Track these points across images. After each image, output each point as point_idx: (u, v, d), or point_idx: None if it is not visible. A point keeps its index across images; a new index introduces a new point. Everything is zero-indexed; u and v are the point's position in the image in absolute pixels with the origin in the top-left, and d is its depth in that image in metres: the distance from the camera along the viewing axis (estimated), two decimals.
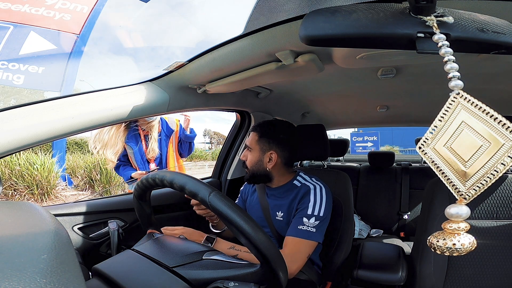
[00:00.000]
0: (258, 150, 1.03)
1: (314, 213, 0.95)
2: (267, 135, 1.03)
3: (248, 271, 0.58)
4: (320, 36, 0.36)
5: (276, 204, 1.05)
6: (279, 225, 1.03)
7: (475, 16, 0.35)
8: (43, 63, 4.62)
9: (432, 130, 0.31)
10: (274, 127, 1.06)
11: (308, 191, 1.00)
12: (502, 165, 0.26)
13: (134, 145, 1.81)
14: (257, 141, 1.03)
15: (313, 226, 0.93)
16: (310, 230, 0.92)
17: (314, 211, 0.95)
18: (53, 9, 4.74)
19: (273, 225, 1.04)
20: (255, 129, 1.07)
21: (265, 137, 1.03)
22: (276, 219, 1.04)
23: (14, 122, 0.63)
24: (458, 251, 0.29)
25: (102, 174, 5.88)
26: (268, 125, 1.07)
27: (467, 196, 0.28)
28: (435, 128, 0.31)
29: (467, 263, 0.90)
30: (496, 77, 1.03)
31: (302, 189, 1.02)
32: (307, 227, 0.92)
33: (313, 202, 0.97)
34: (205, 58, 0.81)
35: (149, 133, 1.82)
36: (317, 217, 0.94)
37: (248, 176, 1.06)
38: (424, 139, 0.32)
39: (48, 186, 4.98)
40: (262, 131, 1.05)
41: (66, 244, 0.34)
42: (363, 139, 13.59)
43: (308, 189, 1.00)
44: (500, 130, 0.26)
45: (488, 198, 0.91)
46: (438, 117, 0.31)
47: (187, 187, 0.61)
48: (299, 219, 0.95)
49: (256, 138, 1.04)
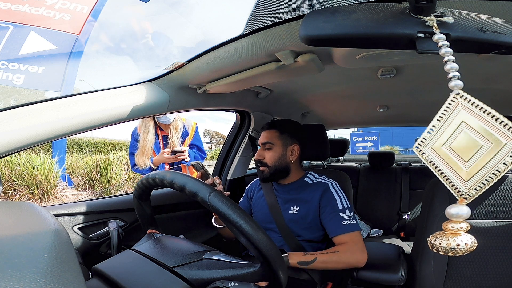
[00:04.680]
0: (281, 145, 1.09)
1: (345, 206, 1.01)
2: (288, 131, 1.10)
3: (248, 271, 0.58)
4: (320, 36, 0.36)
5: (290, 199, 1.09)
6: (291, 218, 1.06)
7: (475, 16, 0.35)
8: (43, 63, 4.62)
9: (431, 130, 0.31)
10: (290, 124, 1.15)
11: (328, 188, 1.05)
12: (504, 165, 0.26)
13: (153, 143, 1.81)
14: (279, 137, 1.09)
15: (351, 218, 1.00)
16: (352, 222, 0.99)
17: (344, 205, 1.01)
18: (53, 9, 4.74)
19: (283, 219, 1.07)
20: (272, 127, 1.12)
21: (287, 132, 1.10)
22: (289, 213, 1.07)
23: (14, 122, 0.63)
24: (458, 251, 0.29)
25: (102, 174, 5.88)
26: (284, 122, 1.16)
27: (468, 196, 0.28)
28: (433, 128, 0.31)
29: (467, 263, 0.90)
30: (496, 77, 1.03)
31: (318, 186, 1.07)
32: (349, 220, 0.98)
33: (338, 197, 1.03)
34: (205, 58, 0.81)
35: (169, 136, 1.82)
36: (350, 209, 1.01)
37: (267, 174, 1.09)
38: (422, 139, 0.32)
39: (48, 186, 4.98)
40: (282, 127, 1.11)
41: (66, 244, 0.34)
42: (363, 139, 13.60)
43: (327, 186, 1.06)
44: (502, 130, 0.26)
45: (488, 198, 0.91)
46: (436, 117, 0.31)
47: (187, 187, 0.61)
48: (337, 216, 0.99)
49: (277, 134, 1.10)
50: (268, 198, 1.12)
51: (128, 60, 28.37)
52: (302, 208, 1.05)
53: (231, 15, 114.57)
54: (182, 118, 1.89)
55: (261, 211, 1.13)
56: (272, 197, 1.12)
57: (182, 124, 1.85)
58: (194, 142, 1.93)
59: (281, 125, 1.12)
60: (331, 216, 1.00)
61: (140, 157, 1.76)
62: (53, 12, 4.74)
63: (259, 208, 1.15)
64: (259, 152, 1.11)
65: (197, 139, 1.95)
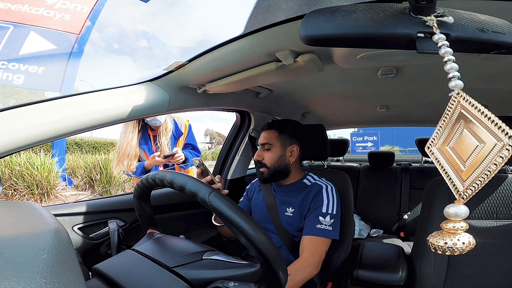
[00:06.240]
0: (280, 145, 1.08)
1: (328, 212, 1.00)
2: (287, 131, 1.09)
3: (248, 271, 0.58)
4: (320, 36, 0.36)
5: (286, 201, 1.09)
6: (286, 220, 1.06)
7: (475, 16, 0.35)
8: (43, 63, 4.62)
9: (438, 130, 0.32)
10: (290, 124, 1.13)
11: (320, 190, 1.04)
12: (494, 165, 0.26)
13: (144, 145, 1.78)
14: (278, 137, 1.08)
15: (329, 224, 0.98)
16: (327, 228, 0.97)
17: (328, 210, 1.00)
18: (53, 9, 4.74)
19: (280, 221, 1.07)
20: (271, 127, 1.11)
21: (286, 133, 1.09)
22: (285, 214, 1.07)
23: (14, 122, 0.63)
24: (456, 250, 0.29)
25: (102, 174, 5.87)
26: (284, 122, 1.14)
27: (465, 195, 0.28)
28: (440, 128, 0.32)
29: (467, 263, 0.90)
30: (496, 77, 1.03)
31: (313, 188, 1.06)
32: (324, 225, 0.97)
33: (326, 201, 1.02)
34: (205, 58, 0.81)
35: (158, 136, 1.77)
36: (332, 215, 0.99)
37: (267, 175, 1.09)
38: (432, 139, 0.33)
39: (48, 186, 4.98)
40: (281, 128, 1.10)
41: (66, 244, 0.34)
42: (363, 139, 13.60)
43: (320, 188, 1.05)
44: (494, 131, 0.26)
45: (488, 198, 0.91)
46: (442, 117, 0.31)
47: (187, 187, 0.61)
48: (315, 218, 0.99)
49: (276, 134, 1.09)
50: (267, 198, 1.12)
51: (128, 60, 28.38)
52: (297, 210, 1.05)
53: (231, 15, 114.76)
54: (174, 116, 1.82)
55: (260, 211, 1.14)
56: (270, 198, 1.12)
57: (172, 125, 1.79)
58: (188, 141, 1.89)
59: (280, 125, 1.12)
60: (311, 217, 1.00)
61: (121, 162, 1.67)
62: (53, 12, 4.74)
63: (258, 208, 1.15)
64: (259, 153, 1.11)
65: (191, 138, 1.90)
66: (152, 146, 1.78)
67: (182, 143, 1.87)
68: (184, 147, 1.88)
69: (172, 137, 1.81)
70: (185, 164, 1.77)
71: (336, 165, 2.44)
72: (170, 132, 1.78)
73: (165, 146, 1.73)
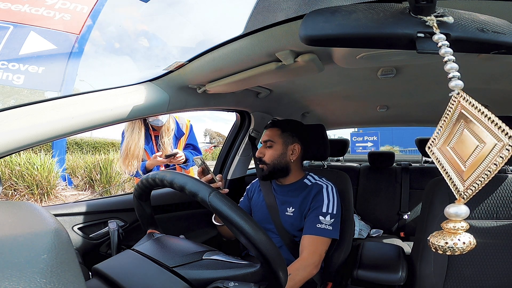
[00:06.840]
0: (282, 143, 1.09)
1: (328, 211, 1.00)
2: (289, 130, 1.11)
3: (248, 271, 0.58)
4: (320, 36, 0.36)
5: (287, 201, 1.09)
6: (286, 219, 1.07)
7: (475, 16, 0.35)
8: (43, 63, 4.62)
9: (439, 130, 0.32)
10: (292, 123, 1.15)
11: (321, 190, 1.05)
12: (494, 165, 0.26)
13: (146, 145, 1.78)
14: (280, 135, 1.10)
15: (329, 224, 0.99)
16: (327, 228, 0.98)
17: (329, 209, 1.01)
18: (53, 9, 4.74)
19: (280, 220, 1.07)
20: (274, 125, 1.13)
21: (288, 131, 1.10)
22: (285, 214, 1.07)
23: (14, 122, 0.63)
24: (458, 250, 0.29)
25: (102, 174, 5.87)
26: (287, 121, 1.16)
27: (465, 195, 0.28)
28: (440, 128, 0.32)
29: (467, 263, 0.90)
30: (496, 77, 1.03)
31: (314, 187, 1.06)
32: (324, 225, 0.98)
33: (327, 200, 1.03)
34: (205, 58, 0.81)
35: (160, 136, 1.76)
36: (332, 215, 1.00)
37: (266, 172, 1.10)
38: (432, 139, 0.33)
39: (48, 186, 4.98)
40: (284, 126, 1.12)
41: (66, 244, 0.34)
42: (363, 139, 13.59)
43: (321, 188, 1.05)
44: (494, 131, 0.26)
45: (488, 198, 0.91)
46: (442, 117, 0.31)
47: (187, 187, 0.61)
48: (315, 218, 0.99)
49: (279, 132, 1.10)
50: (267, 198, 1.13)
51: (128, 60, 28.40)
52: (297, 210, 1.05)
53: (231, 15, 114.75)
54: (175, 116, 1.82)
55: (260, 211, 1.14)
56: (271, 198, 1.12)
57: (175, 125, 1.79)
58: (189, 142, 1.88)
59: (283, 124, 1.13)
60: (311, 216, 1.01)
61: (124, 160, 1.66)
62: (53, 12, 4.74)
63: (258, 208, 1.15)
64: (260, 150, 1.12)
65: (192, 138, 1.90)
66: (153, 146, 1.77)
67: (183, 143, 1.87)
68: (185, 147, 1.88)
69: (174, 137, 1.80)
70: (185, 165, 1.77)
71: (336, 165, 2.44)
72: (173, 132, 1.78)
73: (167, 146, 1.73)
